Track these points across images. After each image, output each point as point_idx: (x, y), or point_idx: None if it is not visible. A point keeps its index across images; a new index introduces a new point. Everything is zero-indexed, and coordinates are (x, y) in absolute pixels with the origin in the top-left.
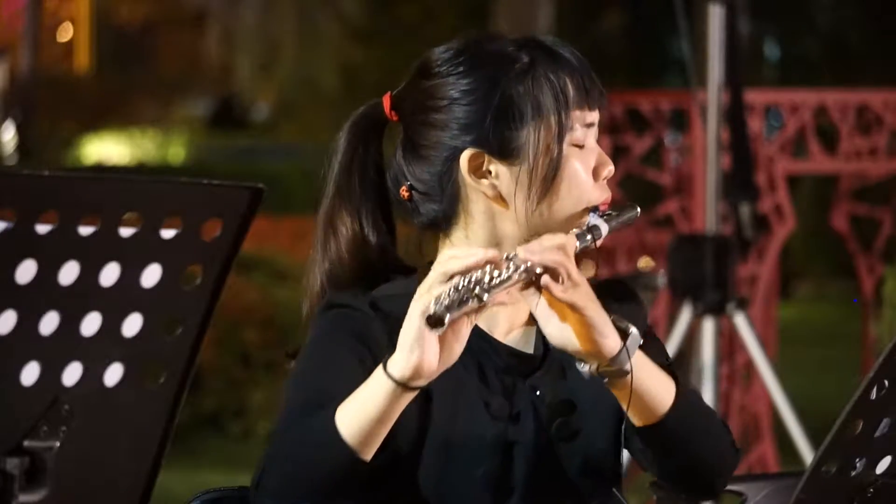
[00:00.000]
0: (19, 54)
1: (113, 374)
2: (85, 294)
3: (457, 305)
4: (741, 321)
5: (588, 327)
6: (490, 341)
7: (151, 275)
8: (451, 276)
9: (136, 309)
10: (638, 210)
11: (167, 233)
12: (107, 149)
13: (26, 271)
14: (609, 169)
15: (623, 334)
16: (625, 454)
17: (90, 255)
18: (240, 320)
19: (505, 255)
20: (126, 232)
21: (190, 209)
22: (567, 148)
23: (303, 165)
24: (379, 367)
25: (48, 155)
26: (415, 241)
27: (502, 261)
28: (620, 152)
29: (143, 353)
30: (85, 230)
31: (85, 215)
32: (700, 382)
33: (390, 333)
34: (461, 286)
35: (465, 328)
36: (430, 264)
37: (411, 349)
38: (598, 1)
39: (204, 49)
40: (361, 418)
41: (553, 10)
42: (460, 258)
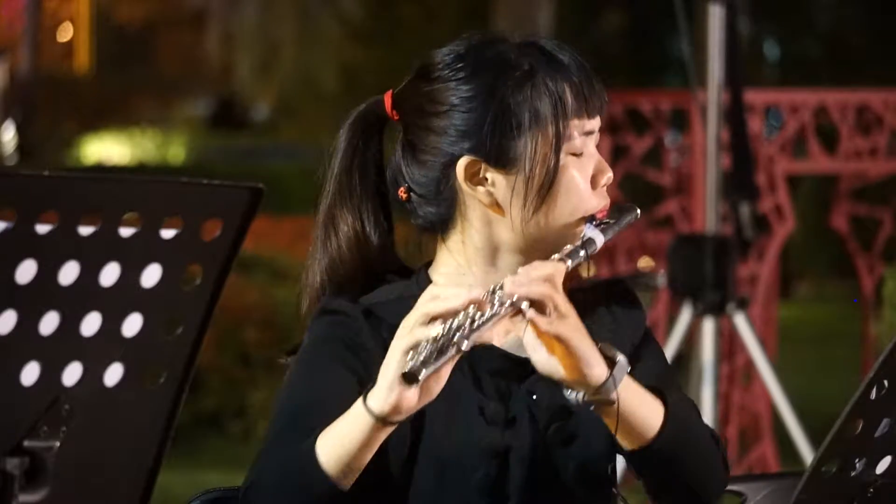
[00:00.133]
0: (19, 54)
1: (113, 374)
2: (85, 294)
3: (434, 358)
4: (741, 321)
5: (574, 358)
6: (485, 345)
7: (151, 275)
8: (433, 319)
9: (136, 309)
10: (638, 212)
11: (167, 233)
12: (107, 149)
13: (26, 271)
14: (608, 176)
15: (610, 363)
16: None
17: (90, 255)
18: (240, 320)
19: (491, 288)
20: (126, 232)
21: (190, 209)
22: (564, 157)
23: (303, 165)
24: (359, 400)
25: (48, 155)
26: (415, 241)
27: (487, 296)
28: (620, 152)
29: (143, 353)
30: (85, 230)
31: (85, 215)
32: (700, 382)
33: (383, 342)
34: (440, 336)
35: (446, 369)
36: (429, 265)
37: (391, 387)
38: (598, 1)
39: (204, 49)
40: (341, 448)
41: (553, 10)
42: (443, 300)
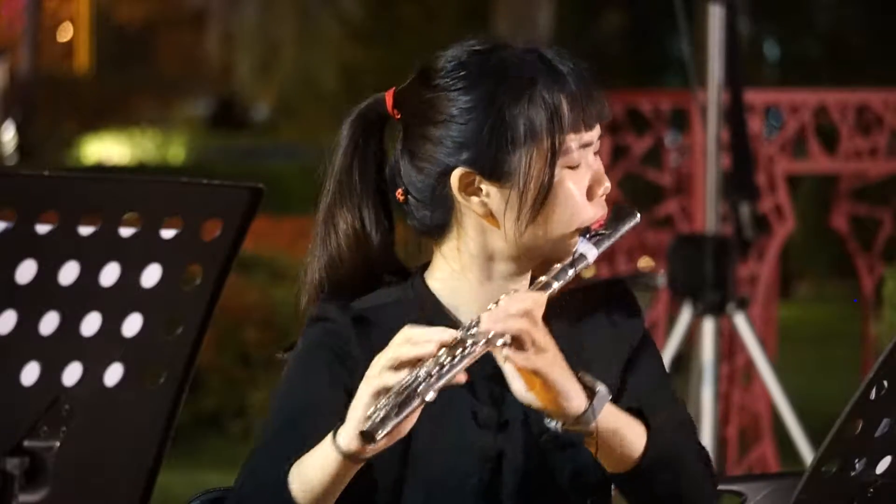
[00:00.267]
0: (19, 54)
1: (113, 374)
2: (85, 294)
3: (395, 413)
4: (741, 321)
5: (552, 392)
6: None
7: (151, 275)
8: (401, 365)
9: (136, 309)
10: (637, 218)
11: (167, 233)
12: (107, 149)
13: (26, 271)
14: (605, 187)
15: (590, 392)
16: None
17: (90, 255)
18: (240, 320)
19: (467, 326)
20: (126, 232)
21: (190, 209)
22: (560, 171)
23: (303, 165)
24: (329, 436)
25: (48, 155)
26: (415, 242)
27: (463, 332)
28: (620, 152)
29: (143, 353)
30: (85, 230)
31: (85, 215)
32: (700, 382)
33: (371, 348)
34: (405, 386)
35: (412, 417)
36: (426, 266)
37: (357, 429)
38: (598, 1)
39: (204, 49)
40: (312, 482)
41: (553, 10)
42: (413, 345)
